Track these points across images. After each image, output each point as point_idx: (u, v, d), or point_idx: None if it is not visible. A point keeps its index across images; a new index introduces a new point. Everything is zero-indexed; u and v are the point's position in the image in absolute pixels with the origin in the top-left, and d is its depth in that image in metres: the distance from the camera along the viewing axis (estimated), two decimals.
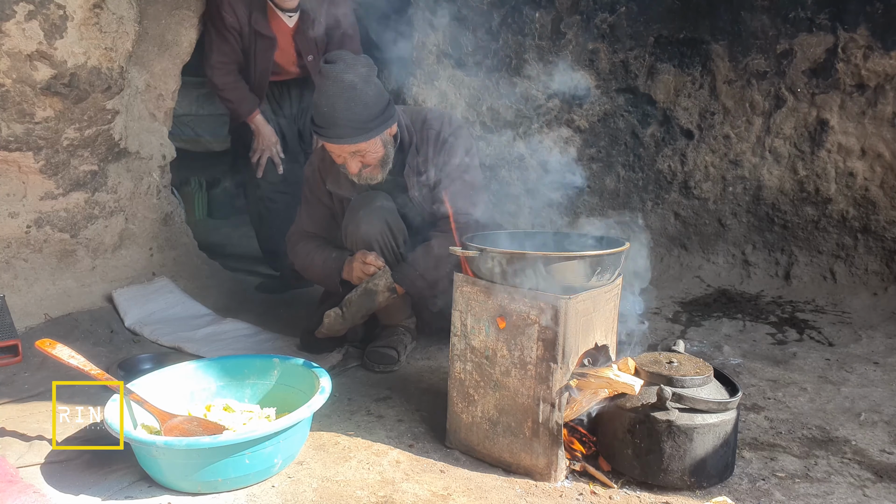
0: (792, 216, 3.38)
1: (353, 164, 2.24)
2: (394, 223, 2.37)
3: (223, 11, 3.07)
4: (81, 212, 2.81)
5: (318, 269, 2.48)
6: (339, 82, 2.12)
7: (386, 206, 2.38)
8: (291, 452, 1.70)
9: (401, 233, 2.40)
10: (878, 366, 2.44)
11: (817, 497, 1.59)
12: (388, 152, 2.30)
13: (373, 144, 2.21)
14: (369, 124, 2.16)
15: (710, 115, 3.52)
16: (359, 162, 2.24)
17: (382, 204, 2.37)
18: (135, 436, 1.57)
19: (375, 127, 2.18)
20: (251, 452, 1.56)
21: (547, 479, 1.64)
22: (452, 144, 2.38)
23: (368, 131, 2.16)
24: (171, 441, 1.55)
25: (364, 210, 2.34)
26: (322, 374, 1.85)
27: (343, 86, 2.12)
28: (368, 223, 2.33)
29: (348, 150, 2.20)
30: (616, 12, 3.60)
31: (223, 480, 1.57)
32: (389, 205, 2.39)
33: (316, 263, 2.48)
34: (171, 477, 1.58)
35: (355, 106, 2.12)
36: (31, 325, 2.60)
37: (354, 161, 2.24)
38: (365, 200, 2.37)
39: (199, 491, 1.58)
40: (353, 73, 2.13)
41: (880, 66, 3.09)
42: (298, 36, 3.18)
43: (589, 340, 1.68)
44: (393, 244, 2.37)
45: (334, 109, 2.12)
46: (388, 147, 2.29)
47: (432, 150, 2.38)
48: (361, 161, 2.24)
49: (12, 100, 2.39)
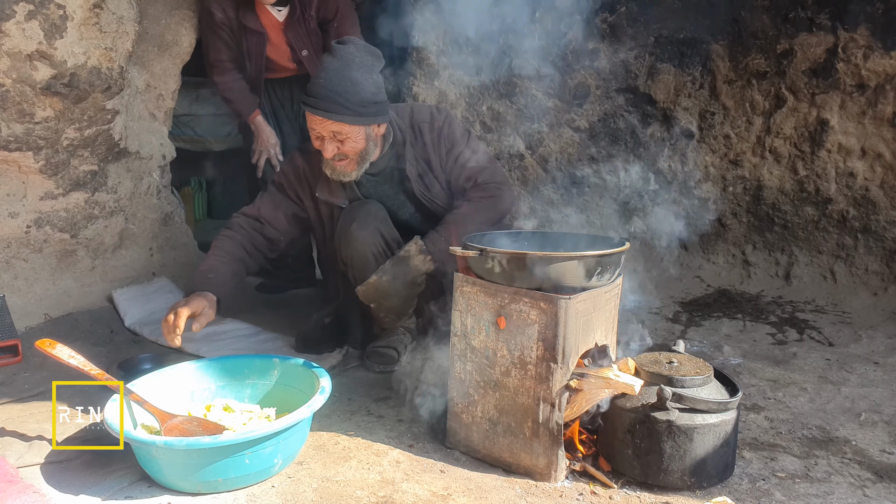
0: (792, 216, 3.38)
1: (330, 148, 2.17)
2: (387, 232, 2.34)
3: (212, 8, 3.05)
4: (81, 212, 2.81)
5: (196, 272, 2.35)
6: (343, 60, 2.13)
7: (378, 214, 2.34)
8: (291, 452, 1.70)
9: (395, 241, 2.36)
10: (879, 366, 2.44)
11: (817, 497, 1.59)
12: (369, 150, 2.25)
13: (355, 132, 2.17)
14: (359, 109, 2.13)
15: (711, 115, 3.52)
16: (336, 147, 2.18)
17: (375, 213, 2.33)
18: (135, 436, 1.57)
19: (365, 114, 2.15)
20: (251, 452, 1.56)
21: (547, 480, 1.64)
22: (449, 131, 2.37)
23: (356, 115, 2.13)
24: (171, 441, 1.55)
25: (356, 224, 2.29)
26: (322, 373, 1.84)
27: (345, 63, 2.12)
28: (362, 237, 2.29)
29: (330, 127, 2.14)
30: (616, 12, 3.60)
31: (223, 480, 1.57)
32: (381, 213, 2.35)
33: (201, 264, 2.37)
34: (171, 477, 1.58)
35: (351, 86, 2.11)
36: (31, 325, 2.60)
37: (332, 144, 2.18)
38: (355, 212, 2.33)
39: (199, 491, 1.58)
40: (358, 57, 2.14)
41: (880, 66, 3.09)
42: (289, 30, 3.13)
43: (589, 340, 1.68)
44: (387, 251, 2.33)
45: (329, 82, 2.11)
46: (370, 145, 2.24)
47: (430, 142, 2.36)
48: (339, 148, 2.19)
49: (12, 100, 2.39)
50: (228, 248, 2.37)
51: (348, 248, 2.32)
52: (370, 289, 2.27)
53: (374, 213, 2.34)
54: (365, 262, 2.32)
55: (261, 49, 3.14)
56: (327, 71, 2.13)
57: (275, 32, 3.14)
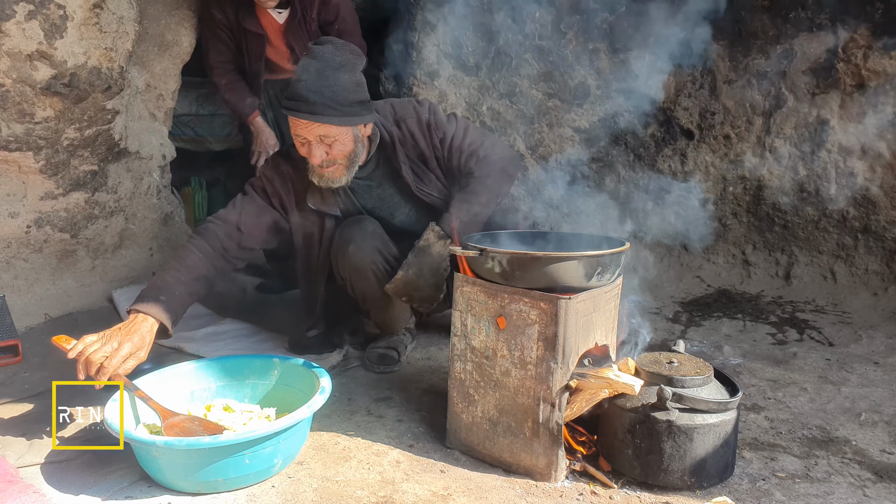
0: (792, 216, 3.38)
1: (318, 153, 2.08)
2: (385, 249, 2.29)
3: (212, 9, 3.06)
4: (81, 212, 2.81)
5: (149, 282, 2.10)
6: (323, 60, 2.04)
7: (375, 232, 2.29)
8: (292, 452, 1.70)
9: (392, 256, 2.31)
10: (879, 366, 2.44)
11: (817, 497, 1.59)
12: (357, 152, 2.18)
13: (343, 134, 2.09)
14: (345, 109, 2.05)
15: (711, 114, 3.52)
16: (324, 152, 2.10)
17: (372, 231, 2.28)
18: (135, 436, 1.57)
19: (351, 114, 2.07)
20: (251, 452, 1.56)
21: (547, 479, 1.64)
22: (437, 120, 2.32)
23: (343, 115, 2.05)
24: (171, 441, 1.55)
25: (353, 244, 2.25)
26: (322, 373, 1.84)
27: (326, 64, 2.04)
28: (360, 257, 2.25)
29: (316, 131, 2.06)
30: (616, 12, 3.60)
31: (223, 480, 1.57)
32: (378, 231, 2.31)
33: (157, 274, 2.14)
34: (171, 477, 1.58)
35: (335, 86, 2.03)
36: (32, 324, 2.60)
37: (320, 149, 2.08)
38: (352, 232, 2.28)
39: (199, 491, 1.58)
40: (339, 56, 2.06)
41: (880, 66, 3.09)
42: (289, 32, 3.13)
43: (589, 340, 1.68)
44: (387, 268, 2.29)
45: (313, 84, 2.02)
46: (359, 146, 2.17)
47: (420, 137, 2.31)
48: (327, 152, 2.10)
49: (12, 100, 2.39)
50: (193, 263, 2.11)
51: (349, 269, 2.28)
52: (399, 284, 2.20)
53: (372, 231, 2.28)
54: (367, 282, 2.29)
55: (260, 50, 3.14)
56: (308, 72, 2.03)
57: (275, 34, 3.15)
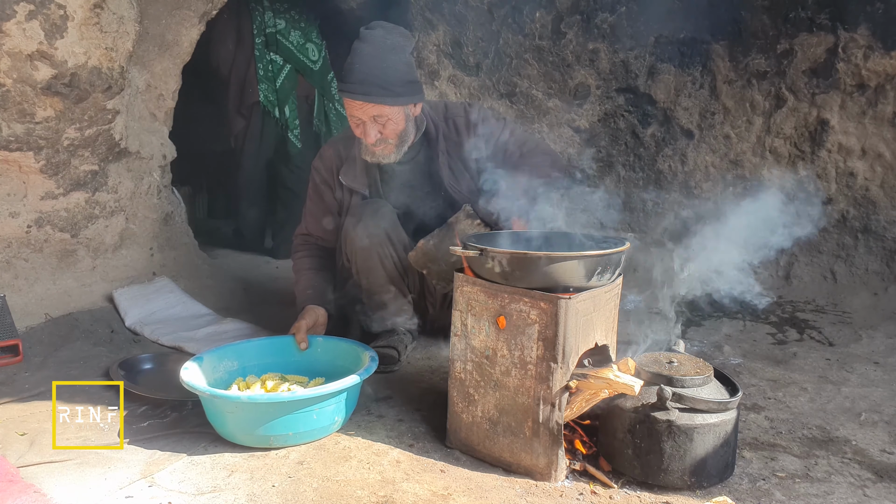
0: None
1: (372, 132, 2.21)
2: (393, 232, 2.36)
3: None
4: (82, 212, 2.81)
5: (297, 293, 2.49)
6: (375, 44, 2.16)
7: (387, 216, 2.36)
8: (347, 413, 1.88)
9: (400, 242, 2.39)
10: (879, 366, 2.44)
11: (817, 497, 1.59)
12: (408, 130, 2.29)
13: (396, 113, 2.21)
14: (398, 89, 2.17)
15: (711, 114, 3.52)
16: (378, 131, 2.22)
17: (384, 214, 2.35)
18: (215, 391, 1.73)
19: (403, 94, 2.19)
20: (319, 409, 1.76)
21: (547, 479, 1.64)
22: (485, 124, 2.39)
23: (396, 95, 2.17)
24: (254, 396, 1.78)
25: (362, 223, 2.33)
26: (365, 348, 2.04)
27: (378, 47, 2.16)
28: (367, 235, 2.32)
29: (371, 111, 2.18)
30: (616, 12, 3.60)
31: (294, 434, 1.75)
32: (391, 216, 2.38)
33: (297, 286, 2.51)
34: (243, 430, 1.73)
35: (387, 68, 2.15)
36: (32, 324, 2.60)
37: (374, 128, 2.21)
38: (364, 212, 2.35)
39: (270, 445, 1.75)
40: (389, 39, 2.18)
41: (880, 66, 3.09)
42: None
43: (589, 340, 1.68)
44: (393, 254, 2.35)
45: (366, 67, 2.14)
46: (409, 125, 2.28)
47: (465, 136, 2.39)
48: (381, 131, 2.22)
49: (13, 100, 2.39)
50: (309, 265, 2.51)
51: (353, 249, 2.35)
52: (419, 253, 2.27)
53: (384, 214, 2.35)
54: (368, 262, 2.34)
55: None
56: (361, 56, 2.16)
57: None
